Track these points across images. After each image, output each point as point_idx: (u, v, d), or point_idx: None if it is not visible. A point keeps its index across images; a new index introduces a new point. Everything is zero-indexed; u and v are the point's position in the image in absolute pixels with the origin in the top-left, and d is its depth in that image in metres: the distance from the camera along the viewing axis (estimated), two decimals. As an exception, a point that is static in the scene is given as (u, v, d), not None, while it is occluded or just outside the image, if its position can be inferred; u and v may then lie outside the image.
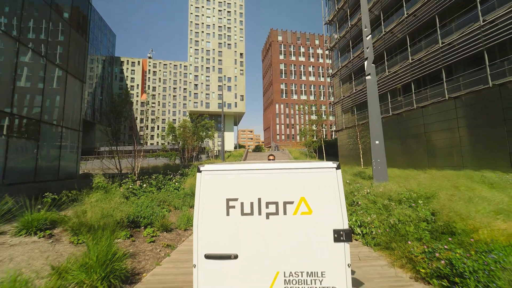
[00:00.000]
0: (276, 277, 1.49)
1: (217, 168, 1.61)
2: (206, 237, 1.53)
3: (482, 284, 2.17)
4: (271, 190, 1.57)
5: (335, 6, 26.77)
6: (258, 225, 1.53)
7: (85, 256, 2.75)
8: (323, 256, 1.50)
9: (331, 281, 1.48)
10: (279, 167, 1.59)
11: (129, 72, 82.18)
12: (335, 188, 1.55)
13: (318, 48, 74.34)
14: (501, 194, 4.19)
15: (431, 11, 14.89)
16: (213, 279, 1.49)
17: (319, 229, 1.52)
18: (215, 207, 1.55)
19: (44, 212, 3.88)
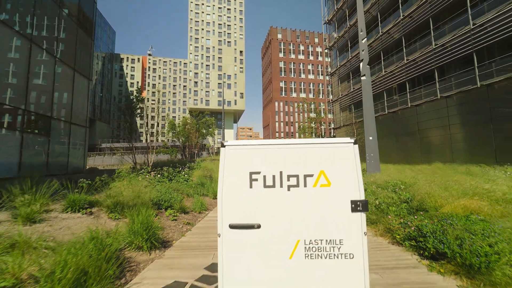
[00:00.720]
0: (297, 245, 1.59)
1: (241, 143, 1.70)
2: (230, 208, 1.61)
3: (438, 239, 2.91)
4: (292, 164, 1.67)
5: (334, 6, 27.33)
6: (279, 196, 1.63)
7: (130, 224, 3.46)
8: (341, 225, 1.59)
9: (348, 248, 1.57)
10: (300, 142, 1.70)
11: (129, 69, 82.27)
12: (353, 162, 1.65)
13: (317, 46, 74.56)
14: (471, 181, 4.93)
15: (425, 13, 15.55)
16: (237, 247, 1.58)
17: (337, 200, 1.61)
18: (238, 180, 1.64)
19: (83, 194, 4.57)
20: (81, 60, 15.81)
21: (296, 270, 1.57)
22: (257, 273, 1.56)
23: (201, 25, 72.46)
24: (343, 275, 1.56)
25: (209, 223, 5.00)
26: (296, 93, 71.57)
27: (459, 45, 13.40)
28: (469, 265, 2.48)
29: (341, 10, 25.99)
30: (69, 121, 14.51)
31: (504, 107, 10.86)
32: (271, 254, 1.58)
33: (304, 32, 75.12)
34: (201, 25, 72.47)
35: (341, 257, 1.58)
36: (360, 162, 1.68)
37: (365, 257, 1.57)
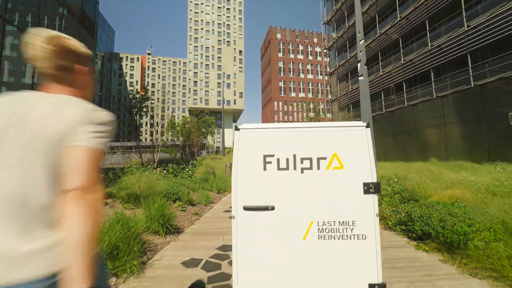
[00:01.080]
0: (311, 226, 1.61)
1: (255, 126, 1.73)
2: (244, 190, 1.64)
3: (424, 222, 3.27)
4: (306, 147, 1.69)
5: (333, 7, 27.69)
6: (293, 179, 1.66)
7: (147, 211, 3.79)
8: (354, 207, 1.62)
9: (361, 229, 1.60)
10: (313, 126, 1.74)
11: (128, 69, 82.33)
12: (365, 145, 1.68)
13: (316, 46, 74.87)
14: (459, 175, 5.30)
15: (421, 15, 15.94)
16: (251, 229, 1.60)
17: (350, 182, 1.64)
18: (252, 162, 1.67)
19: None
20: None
21: (309, 251, 1.60)
22: (270, 254, 1.59)
23: (201, 25, 72.65)
24: (356, 256, 1.59)
25: (215, 213, 5.33)
26: (295, 93, 71.90)
27: (454, 46, 13.81)
28: (450, 242, 2.83)
29: (340, 11, 26.37)
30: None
31: (496, 107, 11.27)
32: (285, 235, 1.61)
33: (303, 32, 75.45)
34: (200, 24, 72.64)
35: (354, 238, 1.61)
36: (372, 146, 1.70)
37: (377, 238, 1.60)
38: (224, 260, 2.91)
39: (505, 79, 10.87)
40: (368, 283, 1.56)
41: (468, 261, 2.56)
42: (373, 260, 1.59)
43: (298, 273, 1.58)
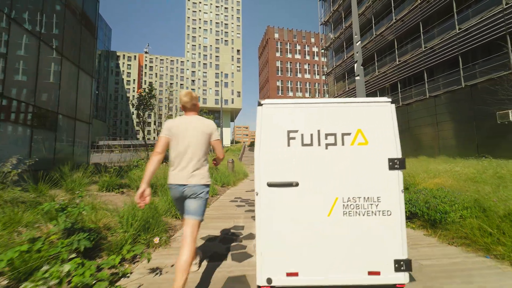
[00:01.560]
0: (335, 202, 1.59)
1: (278, 102, 1.71)
2: (268, 167, 1.62)
3: (412, 204, 3.72)
4: (330, 123, 1.67)
5: (330, 8, 28.20)
6: (317, 155, 1.63)
7: (164, 197, 4.18)
8: (379, 183, 1.60)
9: (386, 205, 1.58)
10: (337, 101, 1.71)
11: (125, 67, 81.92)
12: (390, 121, 1.66)
13: (313, 46, 75.38)
14: (445, 167, 5.80)
15: (416, 17, 16.51)
16: (275, 205, 1.58)
17: (375, 158, 1.62)
18: (276, 138, 1.64)
19: (114, 177, 5.26)
20: (85, 58, 16.26)
21: (334, 227, 1.58)
22: (295, 230, 1.58)
23: (199, 24, 72.69)
24: (381, 232, 1.57)
25: (222, 203, 5.73)
26: (292, 93, 72.35)
27: (446, 48, 14.39)
28: (433, 220, 3.29)
29: (337, 12, 26.87)
30: (74, 118, 14.98)
31: (484, 106, 11.85)
32: (309, 212, 1.59)
33: (300, 32, 75.91)
34: (198, 23, 72.69)
35: (378, 214, 1.59)
36: (397, 122, 1.68)
37: (402, 214, 1.58)
38: (238, 236, 3.33)
39: (493, 80, 11.45)
40: (394, 259, 1.55)
41: (447, 233, 3.01)
42: (398, 236, 1.58)
43: (323, 249, 1.56)
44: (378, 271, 1.55)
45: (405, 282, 1.54)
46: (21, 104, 10.33)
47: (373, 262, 1.56)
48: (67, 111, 14.16)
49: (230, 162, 10.84)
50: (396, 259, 1.56)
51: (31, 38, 10.96)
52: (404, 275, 1.54)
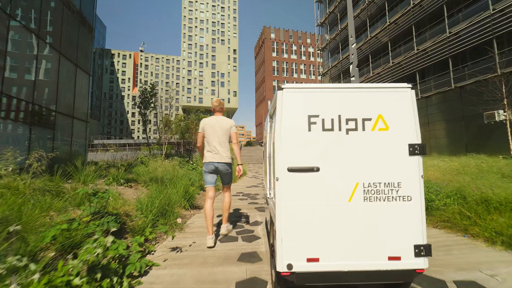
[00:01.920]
0: (356, 188, 1.59)
1: (299, 86, 1.70)
2: (288, 151, 1.61)
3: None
4: (350, 108, 1.66)
5: (326, 10, 28.68)
6: (338, 140, 1.63)
7: (173, 189, 4.45)
8: (399, 168, 1.59)
9: (406, 191, 1.57)
10: (358, 86, 1.71)
11: (120, 65, 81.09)
12: (410, 106, 1.65)
13: (309, 46, 75.91)
14: (433, 161, 6.22)
15: (409, 21, 17.07)
16: (296, 191, 1.58)
17: (395, 144, 1.61)
18: (296, 123, 1.64)
19: (121, 172, 5.49)
20: (82, 56, 16.26)
21: (354, 212, 1.58)
22: (315, 215, 1.57)
23: (195, 23, 72.52)
24: (401, 218, 1.58)
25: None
26: (288, 92, 72.91)
27: (438, 50, 14.96)
28: (420, 207, 3.66)
29: (333, 14, 27.37)
30: (72, 116, 15.00)
31: (473, 107, 12.42)
32: (330, 196, 1.59)
33: (296, 33, 76.44)
34: (194, 22, 72.51)
35: (399, 200, 1.58)
36: (416, 107, 1.68)
37: (422, 199, 1.59)
38: (245, 223, 3.63)
39: (480, 82, 12.02)
40: (414, 244, 1.56)
41: (432, 218, 3.38)
42: (418, 221, 1.58)
43: (343, 235, 1.56)
44: (398, 257, 1.55)
45: (424, 267, 1.55)
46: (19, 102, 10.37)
47: (393, 248, 1.56)
48: (64, 109, 14.18)
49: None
50: (416, 244, 1.56)
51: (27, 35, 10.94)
52: (424, 260, 1.56)
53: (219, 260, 2.35)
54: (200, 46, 72.74)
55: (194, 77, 72.00)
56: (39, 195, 2.83)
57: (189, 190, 4.52)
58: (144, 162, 7.01)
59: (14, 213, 2.09)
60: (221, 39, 74.39)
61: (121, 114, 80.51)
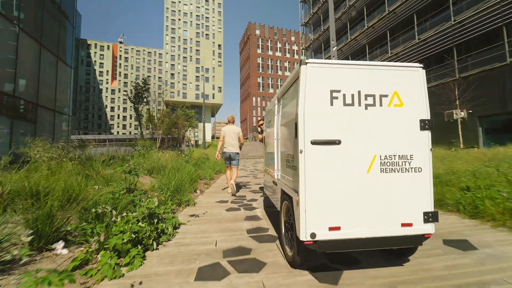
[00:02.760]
0: (374, 160, 1.67)
1: (322, 61, 1.75)
2: (311, 124, 1.65)
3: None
4: (369, 84, 1.73)
5: (310, 10, 29.76)
6: (358, 114, 1.70)
7: (179, 175, 5.08)
8: (411, 142, 1.70)
9: (418, 163, 1.69)
10: (376, 64, 1.77)
11: (97, 57, 76.96)
12: (421, 84, 1.76)
13: (293, 44, 76.89)
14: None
15: (384, 26, 18.54)
16: (318, 162, 1.63)
17: (408, 119, 1.71)
18: (319, 98, 1.68)
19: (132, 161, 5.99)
20: (63, 48, 15.79)
21: (372, 183, 1.66)
22: (337, 186, 1.63)
23: (178, 15, 70.62)
24: (412, 187, 1.68)
25: (220, 184, 6.71)
26: (273, 89, 73.71)
27: (408, 55, 16.54)
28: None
29: (316, 15, 28.50)
30: (54, 109, 14.64)
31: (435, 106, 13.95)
32: (350, 168, 1.65)
33: (281, 30, 77.13)
34: (178, 15, 70.59)
35: (411, 171, 1.69)
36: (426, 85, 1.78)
37: (430, 170, 1.70)
38: (243, 200, 4.40)
39: (442, 84, 13.64)
40: (423, 211, 1.68)
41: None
42: (427, 190, 1.70)
43: (362, 204, 1.65)
44: (410, 223, 1.67)
45: (432, 232, 1.69)
46: (2, 95, 10.09)
47: (405, 215, 1.67)
48: (45, 102, 13.78)
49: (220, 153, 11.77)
50: (425, 211, 1.68)
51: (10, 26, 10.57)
52: (431, 226, 1.69)
53: (231, 220, 3.10)
54: (184, 40, 71.15)
55: (178, 72, 70.47)
56: (75, 176, 3.37)
57: (193, 176, 5.17)
58: (142, 154, 7.47)
59: (72, 186, 2.67)
60: (205, 33, 73.23)
61: (99, 108, 76.78)
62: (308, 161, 1.62)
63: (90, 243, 1.79)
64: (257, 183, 6.69)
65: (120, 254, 1.81)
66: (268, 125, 3.23)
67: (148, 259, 1.97)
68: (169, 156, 7.37)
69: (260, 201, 4.28)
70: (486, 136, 12.89)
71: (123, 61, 79.80)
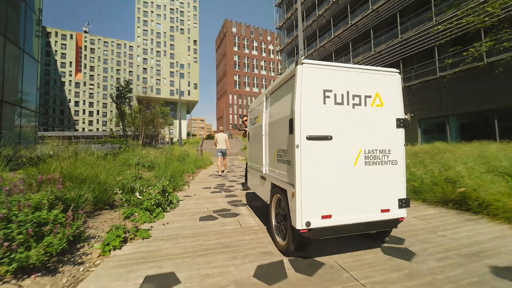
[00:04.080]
0: (359, 154, 1.89)
1: (316, 62, 1.88)
2: (307, 121, 1.79)
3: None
4: (356, 85, 1.93)
5: (284, 15, 31.43)
6: (346, 113, 1.89)
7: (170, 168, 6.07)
8: (389, 138, 1.97)
9: (394, 156, 1.97)
10: (361, 67, 1.97)
11: (58, 47, 70.55)
12: (398, 87, 2.02)
13: (270, 44, 77.39)
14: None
15: (348, 36, 20.78)
16: (313, 156, 1.79)
17: (387, 118, 1.97)
18: (314, 95, 1.83)
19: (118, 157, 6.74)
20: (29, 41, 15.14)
21: (358, 175, 1.86)
22: (328, 177, 1.80)
23: (151, 7, 67.85)
24: (390, 178, 1.94)
25: (202, 177, 7.79)
26: (249, 88, 74.21)
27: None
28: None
29: (290, 20, 30.25)
30: (20, 105, 14.13)
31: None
32: (340, 162, 1.83)
33: (257, 29, 77.67)
34: (150, 7, 67.81)
35: (389, 163, 1.94)
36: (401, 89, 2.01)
37: (404, 163, 1.97)
38: (222, 186, 5.60)
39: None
40: (398, 198, 1.94)
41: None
42: (401, 180, 1.95)
43: (349, 194, 1.84)
44: (388, 209, 1.90)
45: (405, 216, 1.96)
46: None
47: (384, 202, 1.90)
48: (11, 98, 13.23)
49: (199, 150, 12.68)
50: (400, 198, 1.93)
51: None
52: (404, 211, 1.94)
53: (216, 197, 4.36)
54: (157, 33, 68.66)
55: (151, 66, 67.93)
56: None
57: (181, 169, 6.20)
58: (126, 151, 8.20)
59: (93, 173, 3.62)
60: (180, 28, 71.39)
61: (61, 102, 70.73)
62: (304, 155, 1.76)
63: (132, 205, 2.86)
64: (233, 175, 7.90)
65: (150, 211, 2.91)
66: (255, 121, 3.29)
67: (165, 215, 3.11)
68: (154, 152, 8.21)
69: (236, 187, 5.51)
70: (424, 135, 15.60)
71: (88, 52, 74.26)
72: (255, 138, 3.21)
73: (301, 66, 1.83)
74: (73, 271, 1.76)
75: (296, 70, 1.84)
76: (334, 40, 22.37)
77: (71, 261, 1.88)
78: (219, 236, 2.45)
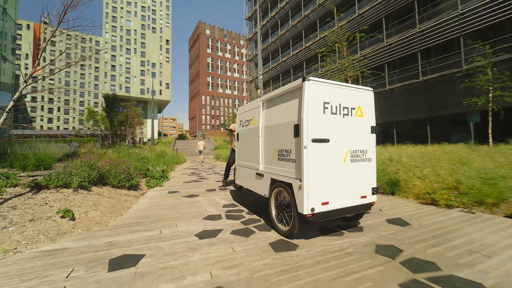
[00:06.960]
0: (347, 153, 2.46)
1: (319, 80, 2.33)
2: (312, 127, 2.24)
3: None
4: (346, 99, 2.48)
5: (253, 29, 34.77)
6: (339, 121, 2.41)
7: (155, 162, 8.86)
8: (366, 141, 2.58)
9: (369, 155, 2.60)
10: (349, 85, 2.51)
11: (12, 36, 64.45)
12: (372, 101, 2.65)
13: (242, 47, 78.95)
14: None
15: (303, 56, 24.81)
16: (316, 155, 2.26)
17: (365, 125, 2.59)
18: (316, 106, 2.29)
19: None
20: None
21: (346, 169, 2.46)
22: (326, 172, 2.33)
23: (120, 3, 66.00)
24: (366, 172, 2.58)
25: (180, 170, 10.58)
26: (222, 89, 75.30)
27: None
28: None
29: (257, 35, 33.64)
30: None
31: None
32: (334, 159, 2.38)
33: (231, 33, 78.87)
34: (120, 3, 65.96)
35: (366, 160, 2.59)
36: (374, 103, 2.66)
37: (375, 160, 2.66)
38: (200, 175, 8.60)
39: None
40: (371, 187, 2.63)
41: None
42: (374, 173, 2.64)
43: (340, 184, 2.43)
44: (365, 195, 2.59)
45: (375, 200, 2.69)
46: None
47: (363, 190, 2.56)
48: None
49: (175, 150, 15.31)
50: (373, 187, 2.63)
51: None
52: (375, 197, 2.66)
53: (191, 175, 7.48)
54: (127, 30, 67.10)
55: (120, 64, 66.17)
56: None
57: (168, 161, 9.04)
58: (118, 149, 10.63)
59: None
60: (152, 27, 70.50)
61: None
62: (310, 154, 2.23)
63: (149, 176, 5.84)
64: (202, 168, 10.90)
65: (157, 179, 5.89)
66: (248, 124, 3.63)
67: (165, 184, 6.12)
68: (138, 151, 10.73)
69: (207, 175, 8.54)
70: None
71: (49, 45, 69.14)
72: (247, 139, 3.61)
73: (308, 82, 2.28)
74: (139, 190, 4.87)
75: (304, 85, 2.29)
76: (292, 57, 26.31)
77: (138, 188, 5.05)
78: (195, 185, 5.73)
